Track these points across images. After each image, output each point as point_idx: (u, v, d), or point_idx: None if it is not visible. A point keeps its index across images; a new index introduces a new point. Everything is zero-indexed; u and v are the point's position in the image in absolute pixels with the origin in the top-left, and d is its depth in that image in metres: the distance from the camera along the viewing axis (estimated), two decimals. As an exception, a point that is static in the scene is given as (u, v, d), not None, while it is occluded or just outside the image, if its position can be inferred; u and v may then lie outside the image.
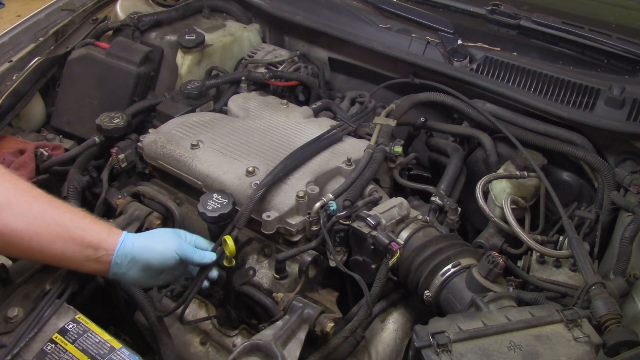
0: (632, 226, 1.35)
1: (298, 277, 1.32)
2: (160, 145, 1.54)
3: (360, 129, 1.69)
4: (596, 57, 1.76)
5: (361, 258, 1.30)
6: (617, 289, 1.24)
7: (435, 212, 1.53)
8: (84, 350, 1.12)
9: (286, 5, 2.06)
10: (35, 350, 1.11)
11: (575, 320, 1.08)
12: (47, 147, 1.75)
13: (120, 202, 1.49)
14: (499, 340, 1.04)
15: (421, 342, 1.02)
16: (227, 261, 1.27)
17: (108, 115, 1.67)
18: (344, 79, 2.12)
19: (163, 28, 2.04)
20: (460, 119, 1.82)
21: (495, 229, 1.54)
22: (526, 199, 1.58)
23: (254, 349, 1.12)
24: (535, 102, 1.65)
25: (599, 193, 1.57)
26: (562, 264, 1.46)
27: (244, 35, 2.12)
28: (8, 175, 1.14)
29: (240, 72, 1.91)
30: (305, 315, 1.19)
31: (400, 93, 1.87)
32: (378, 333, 1.33)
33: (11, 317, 1.14)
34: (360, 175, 1.42)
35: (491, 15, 1.88)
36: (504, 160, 1.67)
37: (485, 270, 1.21)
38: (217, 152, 1.50)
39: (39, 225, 1.12)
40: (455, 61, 1.78)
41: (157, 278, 1.25)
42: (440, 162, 1.77)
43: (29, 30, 1.98)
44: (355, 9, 1.98)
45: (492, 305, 1.17)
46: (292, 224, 1.35)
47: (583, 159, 1.59)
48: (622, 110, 1.57)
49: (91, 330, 1.15)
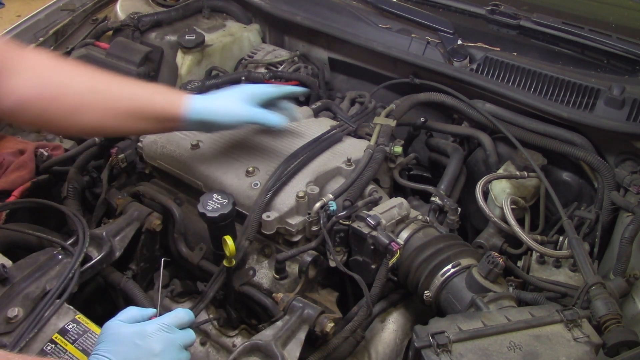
0: (632, 226, 1.35)
1: (298, 278, 1.32)
2: (160, 145, 1.54)
3: (360, 129, 1.69)
4: (596, 57, 1.76)
5: (361, 258, 1.30)
6: (617, 289, 1.24)
7: (435, 212, 1.53)
8: (84, 351, 1.12)
9: (286, 5, 2.06)
10: (36, 351, 1.11)
11: (575, 320, 1.08)
12: (47, 147, 1.75)
13: (120, 202, 1.49)
14: (499, 340, 1.04)
15: (421, 342, 1.03)
16: (227, 261, 1.27)
17: (108, 115, 1.67)
18: (344, 79, 2.12)
19: (163, 28, 2.03)
20: (460, 119, 1.82)
21: (495, 229, 1.54)
22: (526, 199, 1.58)
23: (254, 349, 1.13)
24: (535, 102, 1.65)
25: (599, 193, 1.57)
26: (562, 264, 1.46)
27: (244, 36, 2.12)
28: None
29: (240, 72, 1.91)
30: (305, 316, 1.19)
31: (400, 93, 1.87)
32: (378, 333, 1.33)
33: (11, 317, 1.14)
34: (360, 175, 1.42)
35: (491, 16, 1.88)
36: (504, 161, 1.67)
37: (485, 271, 1.22)
38: (217, 152, 1.50)
39: None
40: (455, 61, 1.78)
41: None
42: (440, 162, 1.77)
43: (29, 30, 1.98)
44: (355, 9, 1.98)
45: (492, 305, 1.17)
46: (292, 224, 1.35)
47: (583, 159, 1.59)
48: (622, 110, 1.57)
49: (91, 331, 1.15)
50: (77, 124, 1.30)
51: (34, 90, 1.24)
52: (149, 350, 1.00)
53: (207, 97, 1.39)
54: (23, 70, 1.24)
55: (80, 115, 1.28)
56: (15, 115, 1.26)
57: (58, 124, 1.30)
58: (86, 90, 1.29)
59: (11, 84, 1.22)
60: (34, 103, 1.24)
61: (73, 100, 1.27)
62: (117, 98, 1.30)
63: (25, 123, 1.31)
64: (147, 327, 1.03)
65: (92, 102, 1.28)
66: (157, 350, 1.00)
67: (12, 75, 1.23)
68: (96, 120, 1.29)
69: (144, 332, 1.02)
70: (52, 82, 1.26)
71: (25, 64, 1.25)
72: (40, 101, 1.24)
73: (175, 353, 1.03)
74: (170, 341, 1.03)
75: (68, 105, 1.27)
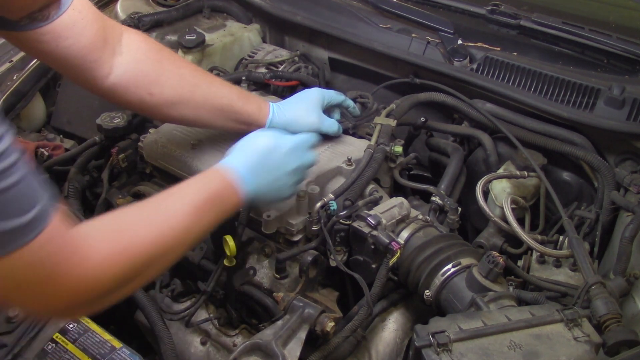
0: (632, 226, 1.35)
1: (298, 277, 1.32)
2: (160, 145, 1.54)
3: (361, 129, 1.69)
4: (596, 57, 1.75)
5: (361, 258, 1.31)
6: (617, 288, 1.24)
7: (435, 212, 1.53)
8: (85, 350, 1.12)
9: (286, 5, 2.06)
10: (36, 350, 1.12)
11: (575, 319, 1.08)
12: (47, 147, 1.75)
13: (120, 202, 1.49)
14: (499, 339, 1.04)
15: (421, 342, 1.03)
16: (228, 261, 1.27)
17: (108, 115, 1.67)
18: (344, 79, 2.12)
19: (163, 28, 2.03)
20: (461, 119, 1.82)
21: (495, 229, 1.54)
22: (526, 199, 1.58)
23: (255, 348, 1.13)
24: (535, 102, 1.65)
25: (599, 193, 1.57)
26: (562, 264, 1.46)
27: (244, 35, 2.11)
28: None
29: (241, 72, 1.91)
30: (305, 315, 1.19)
31: (400, 93, 1.86)
32: (378, 333, 1.33)
33: (12, 316, 1.15)
34: (360, 175, 1.42)
35: (491, 15, 1.88)
36: (504, 160, 1.67)
37: (485, 270, 1.22)
38: (218, 152, 1.50)
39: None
40: (455, 61, 1.78)
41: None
42: (441, 162, 1.77)
43: (30, 30, 1.98)
44: (355, 9, 1.98)
45: (492, 304, 1.17)
46: (292, 223, 1.35)
47: (583, 159, 1.59)
48: (622, 110, 1.57)
49: (92, 330, 1.16)
50: (173, 113, 1.36)
51: (137, 72, 1.28)
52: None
53: (285, 107, 1.47)
54: (126, 51, 1.28)
55: (179, 106, 1.34)
56: (114, 93, 1.29)
57: (154, 109, 1.35)
58: (188, 83, 1.34)
59: (115, 61, 1.26)
60: (135, 84, 1.28)
61: (174, 90, 1.32)
62: (215, 96, 1.37)
63: (123, 102, 1.34)
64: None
65: (193, 95, 1.34)
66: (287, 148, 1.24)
67: (116, 54, 1.26)
68: (192, 113, 1.36)
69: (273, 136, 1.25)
70: (155, 68, 1.30)
71: (130, 45, 1.29)
72: (142, 83, 1.29)
73: (303, 152, 1.28)
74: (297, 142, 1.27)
75: (169, 94, 1.32)
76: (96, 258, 0.88)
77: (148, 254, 0.96)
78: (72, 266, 0.85)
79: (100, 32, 1.24)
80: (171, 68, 1.34)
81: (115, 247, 0.92)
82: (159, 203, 1.05)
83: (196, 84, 1.36)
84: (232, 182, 1.14)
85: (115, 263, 0.91)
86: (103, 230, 0.94)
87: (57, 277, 0.83)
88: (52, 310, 0.94)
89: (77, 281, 0.86)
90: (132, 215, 1.00)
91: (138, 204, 1.07)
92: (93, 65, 1.24)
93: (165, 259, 1.02)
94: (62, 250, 0.84)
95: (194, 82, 1.36)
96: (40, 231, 0.79)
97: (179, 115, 1.38)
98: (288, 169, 1.24)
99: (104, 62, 1.25)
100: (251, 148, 1.21)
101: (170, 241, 1.01)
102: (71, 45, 1.19)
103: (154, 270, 1.02)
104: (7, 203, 0.75)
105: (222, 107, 1.39)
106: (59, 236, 0.84)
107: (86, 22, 1.20)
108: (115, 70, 1.27)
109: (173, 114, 1.37)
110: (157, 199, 1.06)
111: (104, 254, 0.89)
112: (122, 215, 1.01)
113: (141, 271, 0.96)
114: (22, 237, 0.77)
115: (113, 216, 1.01)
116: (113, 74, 1.27)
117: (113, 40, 1.27)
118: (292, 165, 1.25)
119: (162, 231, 1.00)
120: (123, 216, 1.00)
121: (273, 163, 1.21)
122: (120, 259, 0.91)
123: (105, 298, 0.93)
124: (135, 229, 0.97)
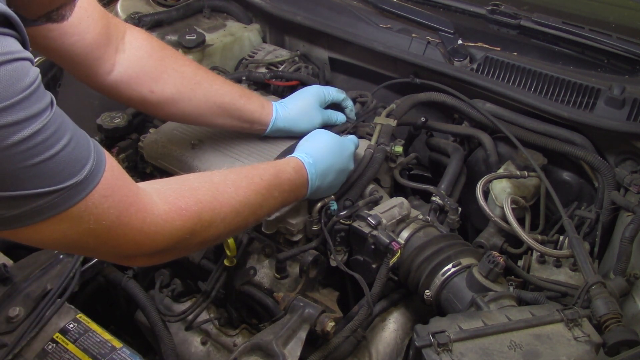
0: (632, 226, 1.35)
1: (299, 277, 1.32)
2: (161, 145, 1.54)
3: (361, 129, 1.69)
4: (596, 57, 1.75)
5: (362, 258, 1.31)
6: (617, 288, 1.24)
7: (435, 212, 1.53)
8: (85, 350, 1.12)
9: (287, 5, 2.06)
10: (37, 350, 1.12)
11: (575, 319, 1.08)
12: (47, 147, 1.75)
13: (121, 201, 1.49)
14: (500, 339, 1.04)
15: (422, 342, 1.03)
16: (228, 261, 1.27)
17: (109, 115, 1.67)
18: (344, 78, 2.12)
19: (163, 28, 2.03)
20: (461, 118, 1.82)
21: (495, 229, 1.54)
22: (526, 199, 1.58)
23: (255, 348, 1.13)
24: (535, 102, 1.65)
25: (599, 193, 1.57)
26: (563, 264, 1.46)
27: (245, 35, 2.12)
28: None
29: (241, 72, 1.91)
30: (306, 315, 1.19)
31: (400, 93, 1.86)
32: (379, 332, 1.33)
33: (12, 316, 1.15)
34: (361, 175, 1.42)
35: (491, 15, 1.88)
36: (504, 160, 1.67)
37: (485, 270, 1.22)
38: (218, 152, 1.50)
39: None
40: (455, 61, 1.78)
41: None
42: (441, 162, 1.77)
43: (30, 30, 1.98)
44: (355, 9, 1.98)
45: (493, 304, 1.18)
46: (292, 223, 1.35)
47: (583, 159, 1.59)
48: (622, 110, 1.57)
49: (92, 330, 1.16)
50: (174, 111, 1.36)
51: (139, 69, 1.29)
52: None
53: (287, 106, 1.49)
54: (129, 48, 1.29)
55: (180, 103, 1.34)
56: (116, 89, 1.30)
57: (156, 106, 1.36)
58: (190, 80, 1.35)
59: (118, 58, 1.27)
60: (137, 81, 1.29)
61: (175, 87, 1.33)
62: (217, 94, 1.38)
63: (124, 99, 1.35)
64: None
65: (194, 92, 1.35)
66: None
67: (119, 51, 1.27)
68: (194, 110, 1.37)
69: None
70: (157, 66, 1.31)
71: (133, 42, 1.30)
72: (144, 81, 1.30)
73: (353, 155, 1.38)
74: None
75: (170, 91, 1.32)
76: (156, 212, 0.93)
77: (204, 217, 1.01)
78: (133, 217, 0.90)
79: (104, 30, 1.24)
80: (173, 66, 1.34)
81: (174, 205, 0.97)
82: (226, 175, 1.10)
83: (198, 82, 1.36)
84: (304, 178, 1.24)
85: (173, 219, 0.96)
86: (164, 189, 0.99)
87: (120, 226, 0.88)
88: (119, 256, 0.98)
89: (139, 232, 0.91)
90: (194, 181, 1.05)
91: (205, 173, 1.13)
92: (96, 62, 1.25)
93: (222, 226, 1.06)
94: (124, 202, 0.88)
95: (196, 80, 1.36)
96: (97, 182, 0.83)
97: (180, 113, 1.38)
98: (345, 172, 1.36)
99: (107, 59, 1.26)
100: (325, 148, 1.30)
101: (226, 210, 1.05)
102: (76, 42, 1.20)
103: (211, 236, 1.05)
104: (64, 163, 0.78)
105: (224, 105, 1.39)
106: (119, 188, 0.88)
107: (91, 19, 1.21)
108: (118, 67, 1.27)
109: (174, 111, 1.37)
110: (229, 171, 1.12)
111: (163, 209, 0.95)
112: (185, 179, 1.06)
113: (198, 232, 1.00)
114: (82, 191, 0.81)
115: (176, 179, 1.06)
116: (115, 71, 1.27)
117: (116, 37, 1.27)
118: (348, 168, 1.37)
119: (229, 200, 1.06)
120: (185, 180, 1.06)
121: (338, 166, 1.32)
122: (178, 217, 0.96)
123: (165, 252, 0.98)
124: (195, 193, 1.01)
